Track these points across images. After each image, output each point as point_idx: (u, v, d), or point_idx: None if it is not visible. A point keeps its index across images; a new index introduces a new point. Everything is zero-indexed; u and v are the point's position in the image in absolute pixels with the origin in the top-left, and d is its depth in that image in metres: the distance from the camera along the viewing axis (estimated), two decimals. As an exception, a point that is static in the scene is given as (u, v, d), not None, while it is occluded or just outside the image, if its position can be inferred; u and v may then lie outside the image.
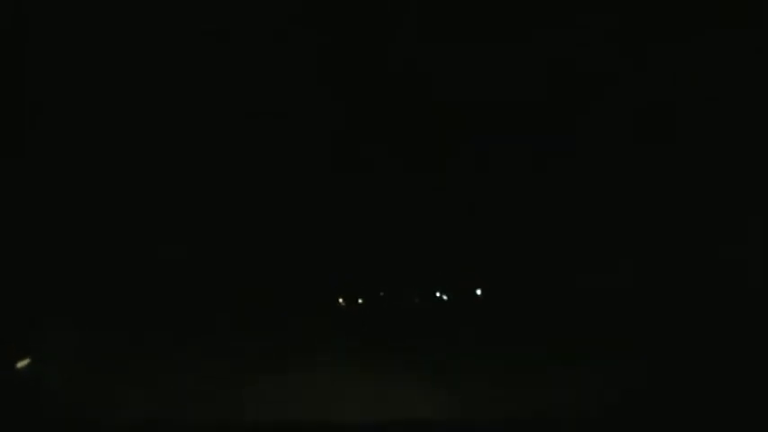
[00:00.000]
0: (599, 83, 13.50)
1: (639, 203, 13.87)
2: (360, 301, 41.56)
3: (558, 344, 10.84)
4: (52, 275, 11.27)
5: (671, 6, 11.31)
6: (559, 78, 14.31)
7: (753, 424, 4.58)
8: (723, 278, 10.96)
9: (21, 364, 7.78)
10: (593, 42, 12.73)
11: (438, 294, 35.98)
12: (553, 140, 16.56)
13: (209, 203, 18.00)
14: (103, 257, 13.15)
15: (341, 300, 40.60)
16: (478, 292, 28.17)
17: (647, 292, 13.18)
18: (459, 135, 19.14)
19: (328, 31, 13.99)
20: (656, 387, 6.12)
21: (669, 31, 11.65)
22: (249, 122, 16.91)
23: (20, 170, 11.33)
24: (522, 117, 16.37)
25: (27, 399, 6.41)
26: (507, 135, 17.60)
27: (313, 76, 15.65)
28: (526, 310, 18.89)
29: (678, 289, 12.08)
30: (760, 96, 10.33)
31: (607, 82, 13.31)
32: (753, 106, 10.52)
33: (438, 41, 14.27)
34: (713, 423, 4.68)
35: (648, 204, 13.52)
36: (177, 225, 16.63)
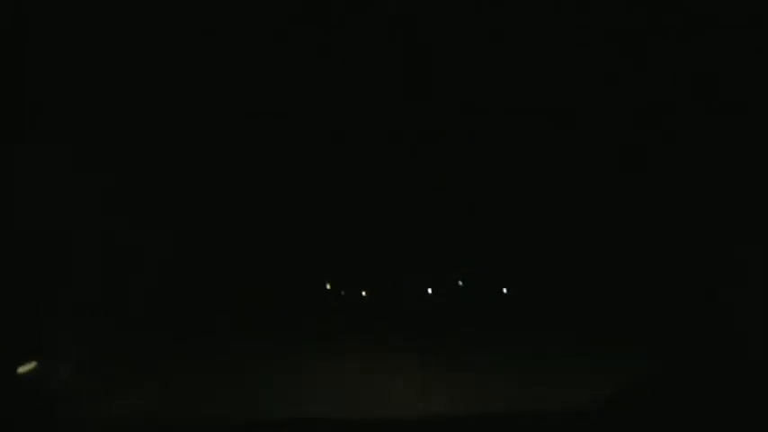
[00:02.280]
0: (599, 83, 13.51)
1: (639, 203, 13.88)
2: (363, 294, 41.04)
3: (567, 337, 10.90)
4: (53, 275, 11.27)
5: (671, 6, 11.31)
6: (559, 78, 14.31)
7: (753, 424, 4.58)
8: (723, 278, 10.97)
9: (24, 368, 7.63)
10: (593, 42, 12.73)
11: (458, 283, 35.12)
12: (552, 140, 16.57)
13: (209, 203, 18.00)
14: (102, 257, 13.15)
15: (342, 292, 40.43)
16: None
17: (647, 291, 13.20)
18: (458, 135, 19.15)
19: (328, 32, 13.99)
20: (656, 385, 6.12)
21: (669, 31, 11.65)
22: (249, 122, 16.92)
23: (20, 169, 11.32)
24: (521, 117, 16.37)
25: (29, 400, 6.35)
26: (507, 134, 17.60)
27: (313, 76, 15.65)
28: (535, 304, 18.94)
29: (678, 288, 12.09)
30: (760, 96, 10.33)
31: (607, 82, 13.31)
32: (753, 106, 10.52)
33: (439, 41, 14.28)
34: (713, 422, 4.68)
35: (648, 204, 13.53)
36: (177, 224, 16.64)
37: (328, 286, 40.97)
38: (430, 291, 36.95)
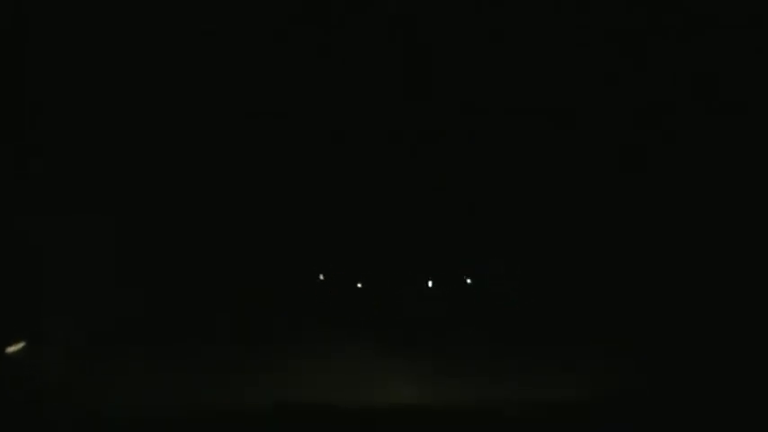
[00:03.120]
0: (599, 83, 13.52)
1: (639, 203, 13.88)
2: (359, 285, 39.86)
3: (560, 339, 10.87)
4: (51, 271, 11.27)
5: (671, 6, 11.33)
6: (559, 78, 14.32)
7: (753, 424, 4.58)
8: (723, 278, 10.97)
9: (12, 348, 7.43)
10: (593, 42, 12.74)
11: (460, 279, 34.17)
12: (552, 140, 16.56)
13: (209, 203, 18.01)
14: (101, 256, 13.16)
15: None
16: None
17: (648, 291, 13.19)
18: (459, 134, 19.14)
19: (328, 32, 14.00)
20: (657, 386, 6.12)
21: (669, 31, 11.67)
22: (249, 122, 16.92)
23: (19, 170, 11.34)
24: (521, 117, 16.37)
25: (21, 386, 6.17)
26: (507, 134, 17.59)
27: (313, 76, 15.66)
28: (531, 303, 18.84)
29: (679, 288, 12.09)
30: (760, 96, 10.34)
31: (607, 82, 13.32)
32: (753, 106, 10.53)
33: (439, 41, 14.29)
34: (714, 423, 4.68)
35: (648, 204, 13.53)
36: (177, 225, 16.64)
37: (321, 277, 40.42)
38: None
